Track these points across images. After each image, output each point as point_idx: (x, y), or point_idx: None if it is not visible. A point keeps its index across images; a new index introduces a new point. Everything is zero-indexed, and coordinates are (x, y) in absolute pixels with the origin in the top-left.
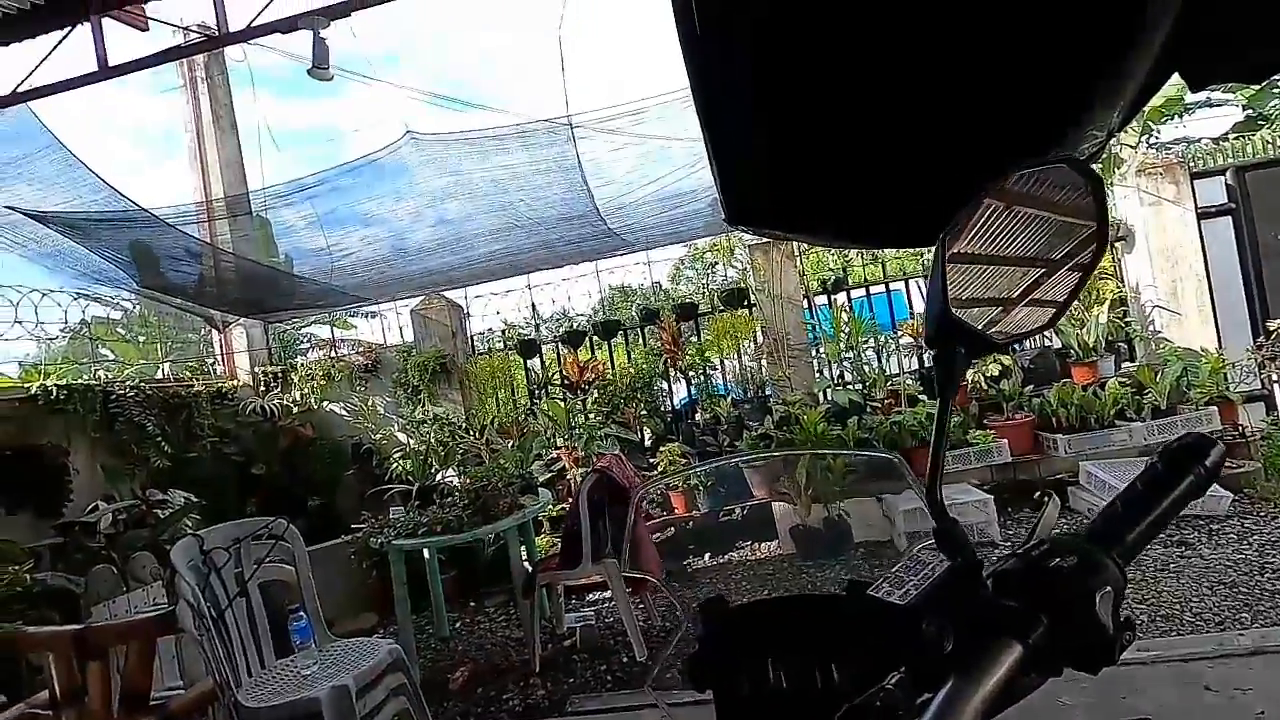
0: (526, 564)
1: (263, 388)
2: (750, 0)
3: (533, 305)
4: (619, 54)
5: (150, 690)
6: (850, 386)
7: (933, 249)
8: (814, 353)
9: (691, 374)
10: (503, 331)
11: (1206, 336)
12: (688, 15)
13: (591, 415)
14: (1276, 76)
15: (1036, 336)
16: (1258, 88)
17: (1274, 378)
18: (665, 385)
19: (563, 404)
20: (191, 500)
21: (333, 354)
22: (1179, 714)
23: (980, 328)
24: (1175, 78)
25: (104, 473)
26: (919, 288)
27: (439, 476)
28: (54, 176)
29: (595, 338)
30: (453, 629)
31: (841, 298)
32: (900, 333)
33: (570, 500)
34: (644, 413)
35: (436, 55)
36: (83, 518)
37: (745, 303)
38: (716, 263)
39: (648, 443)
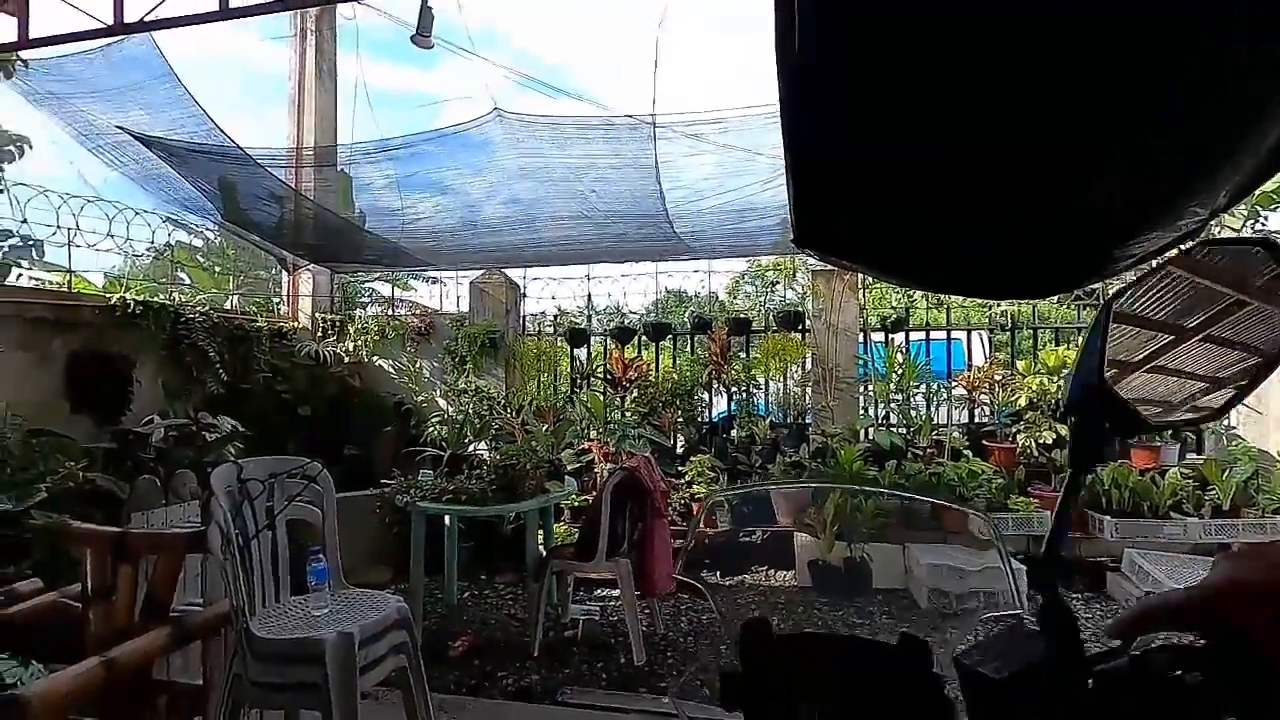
0: (542, 548)
1: (320, 333)
2: (855, 34)
3: (588, 296)
4: (713, 59)
5: (171, 602)
6: (894, 429)
7: (1020, 301)
8: (862, 389)
9: (734, 389)
10: (555, 317)
11: None
12: (789, 35)
13: (629, 414)
14: None
15: None
16: None
17: None
18: (706, 396)
19: (602, 398)
20: (238, 429)
21: (390, 312)
22: None
23: (1134, 400)
24: None
25: (164, 390)
26: (980, 340)
27: (471, 447)
28: (164, 105)
29: (644, 337)
30: (460, 598)
31: (900, 338)
32: (955, 383)
33: (594, 493)
34: (680, 420)
35: (533, 35)
36: (138, 428)
37: (800, 327)
38: (777, 282)
39: (679, 450)
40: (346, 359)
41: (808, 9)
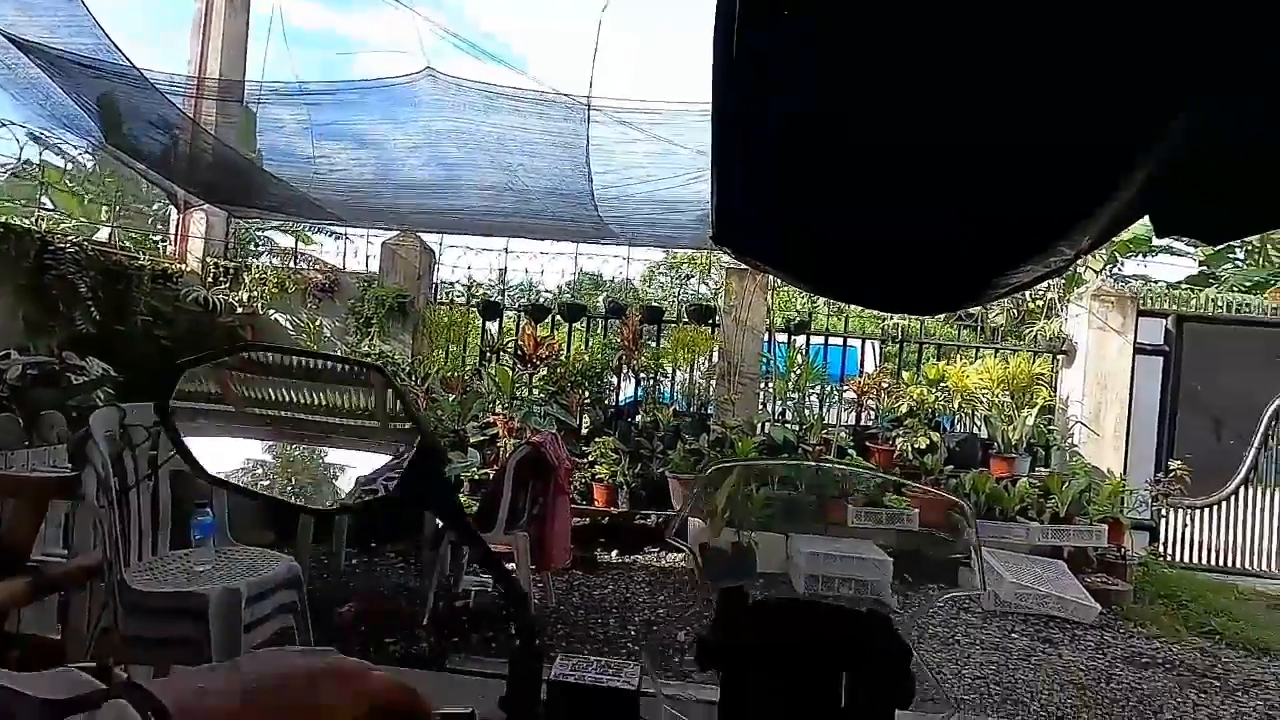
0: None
1: (210, 279)
2: (791, 49)
3: (504, 269)
4: (654, 50)
5: (30, 551)
6: (788, 425)
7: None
8: (762, 385)
9: (642, 376)
10: (468, 287)
11: (1115, 460)
12: (727, 40)
13: (536, 391)
14: (1234, 243)
15: (967, 424)
16: (1215, 249)
17: (1162, 512)
18: (615, 380)
19: (510, 373)
20: (109, 373)
21: (291, 264)
22: None
23: None
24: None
25: (24, 323)
26: (872, 348)
27: None
28: (46, 5)
29: (559, 317)
30: (349, 565)
31: (801, 340)
32: (846, 386)
33: (497, 466)
34: (588, 401)
35: None
36: None
37: (710, 321)
38: (692, 276)
39: (584, 431)
40: (239, 309)
41: (746, 11)
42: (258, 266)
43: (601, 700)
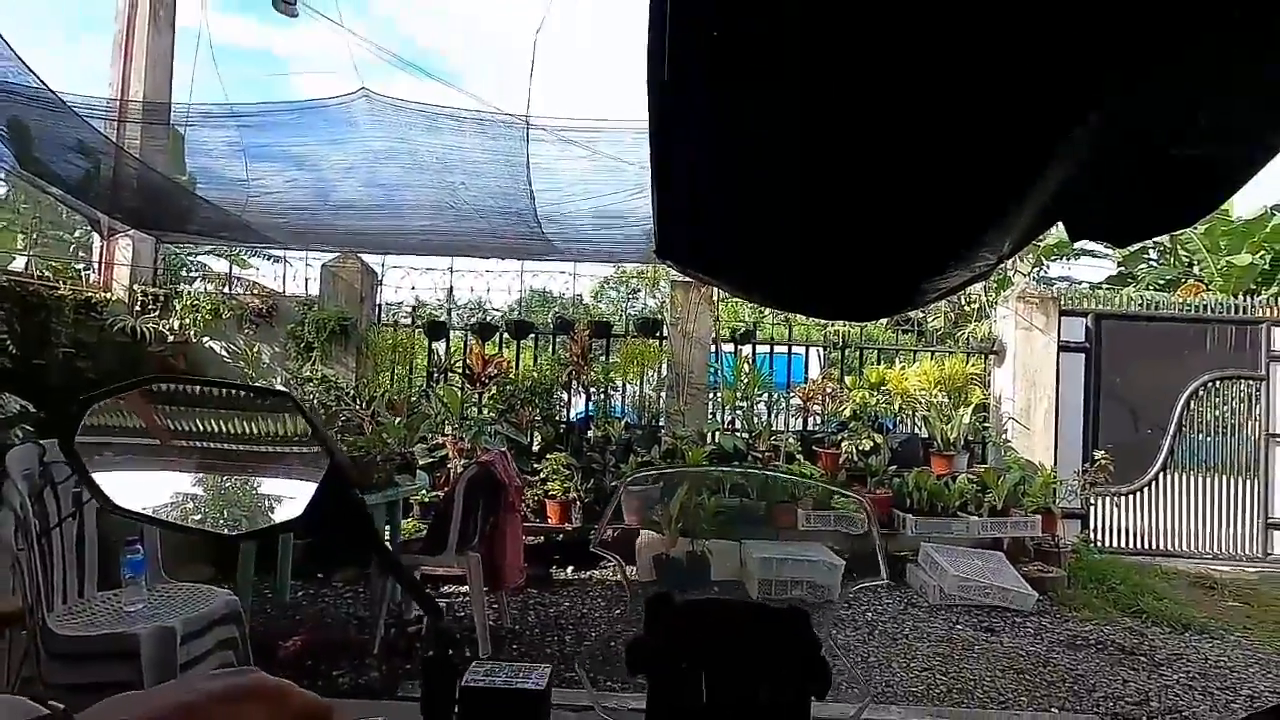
0: (388, 543)
1: (138, 308)
2: (716, 64)
3: (450, 289)
4: (591, 66)
5: None
6: (738, 434)
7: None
8: (711, 395)
9: (593, 391)
10: (414, 308)
11: (1046, 453)
12: (659, 60)
13: (486, 410)
14: (1147, 244)
15: (908, 425)
16: (1129, 251)
17: (1090, 501)
18: (565, 396)
19: (459, 393)
20: (29, 410)
21: (226, 290)
22: None
23: None
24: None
25: None
26: (818, 355)
27: None
28: None
29: (506, 335)
30: (294, 597)
31: (747, 349)
32: (793, 393)
33: (446, 488)
34: (538, 419)
35: (407, 12)
36: None
37: (658, 334)
38: (639, 290)
39: (535, 448)
40: (171, 337)
41: (676, 34)
42: (189, 293)
43: (510, 702)
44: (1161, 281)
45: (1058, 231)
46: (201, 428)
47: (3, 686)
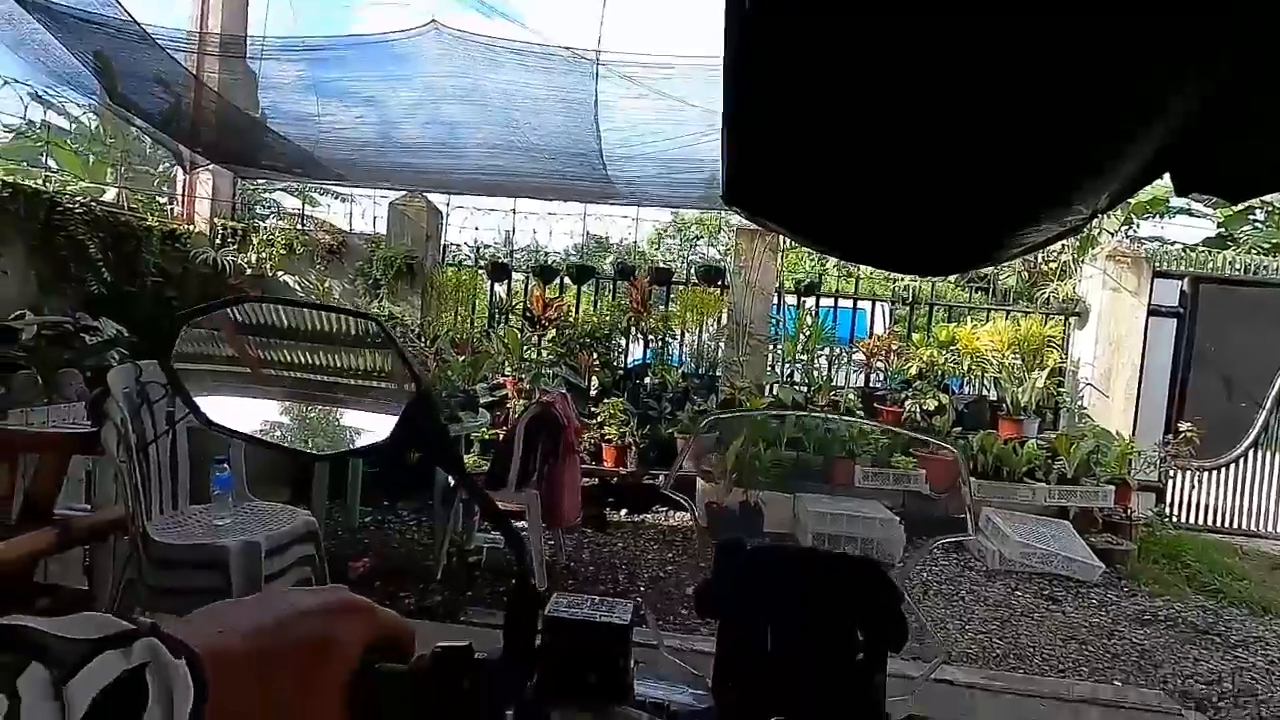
0: (449, 477)
1: (219, 240)
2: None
3: (512, 230)
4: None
5: (54, 504)
6: (796, 387)
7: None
8: (771, 347)
9: (651, 338)
10: (476, 248)
11: (1125, 422)
12: None
13: (545, 352)
14: (1254, 203)
15: (975, 386)
16: (1236, 209)
17: (1170, 474)
18: (623, 342)
19: (519, 335)
20: (123, 334)
21: (299, 226)
22: None
23: None
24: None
25: (37, 284)
26: (882, 310)
27: None
28: None
29: (567, 279)
30: (362, 523)
31: (811, 302)
32: (855, 348)
33: (506, 427)
34: (597, 363)
35: None
36: (7, 322)
37: (719, 282)
38: (701, 237)
39: (593, 392)
40: (248, 271)
41: None
42: (265, 228)
43: (594, 634)
44: (1266, 245)
45: (1156, 186)
46: (290, 351)
47: (110, 584)
